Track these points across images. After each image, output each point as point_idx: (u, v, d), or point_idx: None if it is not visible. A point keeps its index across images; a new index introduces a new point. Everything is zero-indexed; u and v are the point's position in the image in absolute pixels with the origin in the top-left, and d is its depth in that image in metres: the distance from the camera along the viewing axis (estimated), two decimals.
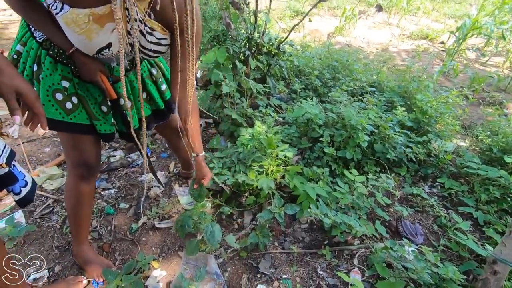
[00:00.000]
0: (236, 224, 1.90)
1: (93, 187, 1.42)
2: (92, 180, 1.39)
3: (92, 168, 1.32)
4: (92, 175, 1.35)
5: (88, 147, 1.27)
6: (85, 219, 1.47)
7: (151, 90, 1.39)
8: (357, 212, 1.88)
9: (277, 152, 1.91)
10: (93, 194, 1.45)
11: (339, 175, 2.24)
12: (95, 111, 1.22)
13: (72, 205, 1.41)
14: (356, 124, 2.18)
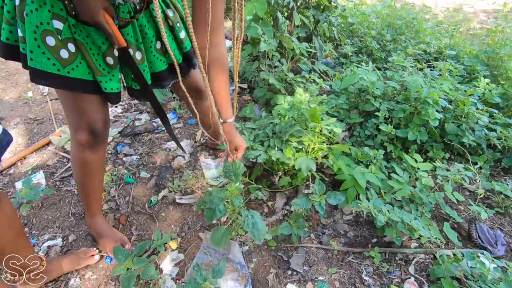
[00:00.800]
0: (266, 208, 1.64)
1: (101, 156, 1.21)
2: (99, 148, 1.16)
3: (97, 135, 1.10)
4: (98, 142, 1.13)
5: (92, 108, 1.04)
6: (95, 190, 1.29)
7: (167, 38, 1.08)
8: (418, 208, 1.50)
9: (321, 126, 1.55)
10: (101, 164, 1.24)
11: (395, 159, 1.83)
12: (98, 64, 0.96)
13: (78, 176, 1.23)
14: (427, 97, 1.71)
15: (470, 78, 2.26)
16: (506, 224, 1.56)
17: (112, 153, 1.91)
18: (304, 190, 1.70)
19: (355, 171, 1.55)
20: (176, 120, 2.22)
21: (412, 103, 1.84)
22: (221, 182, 1.74)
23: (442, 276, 1.23)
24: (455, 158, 1.91)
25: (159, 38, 1.08)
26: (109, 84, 1.00)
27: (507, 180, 1.83)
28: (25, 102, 2.31)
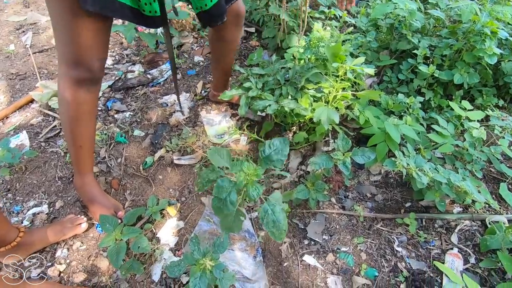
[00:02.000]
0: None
1: (95, 98, 1.04)
2: (94, 89, 1.01)
3: (95, 73, 0.95)
4: (94, 82, 0.99)
5: (98, 43, 0.90)
6: (86, 140, 1.10)
7: None
8: (466, 166, 1.22)
9: (346, 67, 1.23)
10: (95, 106, 1.07)
11: (434, 109, 1.51)
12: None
13: (68, 121, 1.03)
14: (484, 26, 1.33)
15: None
16: None
17: (102, 110, 1.68)
18: (323, 148, 1.44)
19: (387, 123, 1.26)
20: None
21: (460, 38, 1.47)
22: (226, 140, 1.50)
23: (497, 248, 1.00)
24: (509, 107, 1.57)
25: None
26: (150, 7, 0.90)
27: None
28: (6, 56, 2.06)
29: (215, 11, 1.07)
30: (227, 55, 1.43)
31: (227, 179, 0.87)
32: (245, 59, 2.01)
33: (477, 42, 1.36)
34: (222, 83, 1.58)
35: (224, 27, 1.23)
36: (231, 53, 1.44)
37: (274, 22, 1.91)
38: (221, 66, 1.49)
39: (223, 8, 1.09)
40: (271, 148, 0.94)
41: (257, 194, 0.83)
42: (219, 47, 1.39)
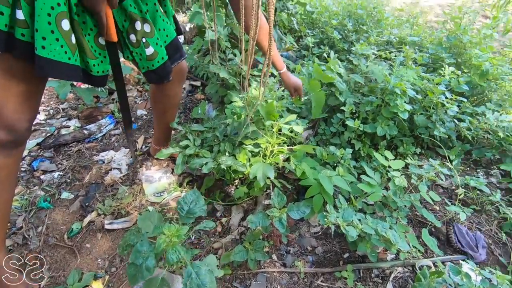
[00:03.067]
0: (220, 226, 1.36)
1: (16, 163, 0.94)
2: (16, 151, 0.91)
3: (18, 135, 0.88)
4: (17, 144, 0.91)
5: (26, 101, 0.85)
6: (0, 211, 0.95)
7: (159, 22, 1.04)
8: (392, 213, 1.31)
9: (280, 124, 1.31)
10: (15, 171, 0.96)
11: (364, 158, 1.64)
12: (91, 46, 0.87)
13: None
14: (394, 87, 1.54)
15: (434, 67, 2.16)
16: (484, 223, 1.43)
17: (25, 171, 1.53)
18: (264, 201, 1.46)
19: (320, 176, 1.32)
20: (114, 125, 1.87)
21: (378, 95, 1.67)
22: (165, 198, 1.44)
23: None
24: (426, 153, 1.77)
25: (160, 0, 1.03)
26: (100, 67, 0.91)
27: (478, 172, 1.72)
28: None
29: (162, 71, 1.09)
30: (169, 110, 1.44)
31: (147, 243, 0.82)
32: (190, 112, 2.04)
33: (391, 100, 1.56)
34: (164, 137, 1.56)
35: (170, 87, 1.28)
36: (174, 108, 1.45)
37: (217, 78, 2.01)
38: (164, 121, 1.49)
39: (169, 68, 1.12)
40: (187, 202, 0.93)
41: (176, 258, 0.78)
42: (162, 102, 1.40)
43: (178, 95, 1.41)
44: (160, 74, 1.09)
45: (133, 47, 0.98)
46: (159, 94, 1.36)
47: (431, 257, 1.26)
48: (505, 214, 1.41)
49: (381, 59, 2.14)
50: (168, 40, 1.09)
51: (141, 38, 0.96)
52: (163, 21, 1.04)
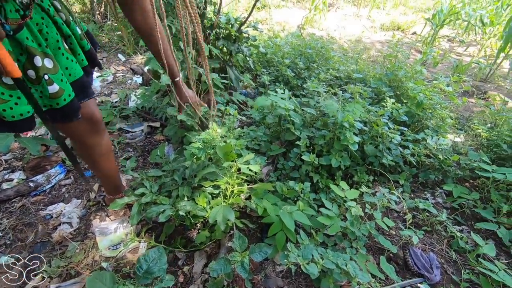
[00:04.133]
0: (182, 275, 1.30)
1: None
2: None
3: None
4: None
5: None
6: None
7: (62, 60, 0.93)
8: (352, 244, 1.35)
9: (237, 165, 1.33)
10: None
11: (323, 189, 1.71)
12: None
13: None
14: (343, 121, 1.66)
15: (378, 99, 2.38)
16: (435, 243, 1.52)
17: None
18: (228, 243, 1.42)
19: (281, 212, 1.35)
20: (64, 174, 1.76)
21: (331, 128, 1.79)
22: (121, 251, 1.35)
23: None
24: (379, 179, 1.89)
25: (64, 35, 0.93)
26: (16, 110, 0.81)
27: (426, 194, 1.86)
28: None
29: (69, 110, 0.96)
30: (99, 160, 1.31)
31: None
32: (148, 155, 1.99)
33: (342, 133, 1.67)
34: (112, 186, 1.48)
35: (84, 135, 1.17)
36: (103, 157, 1.31)
37: (175, 119, 2.01)
38: (101, 173, 1.38)
39: (77, 105, 0.99)
40: (148, 261, 0.89)
41: None
42: (85, 153, 1.27)
43: (100, 146, 1.25)
44: (66, 112, 0.96)
45: (32, 83, 0.85)
46: (80, 147, 1.23)
47: (392, 283, 1.30)
48: (452, 233, 1.53)
49: (331, 94, 2.32)
50: (71, 79, 0.97)
51: (43, 75, 0.84)
52: (67, 59, 0.94)
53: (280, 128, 1.93)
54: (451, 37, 5.65)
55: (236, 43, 2.41)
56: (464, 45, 5.17)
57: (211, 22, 2.23)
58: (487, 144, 2.16)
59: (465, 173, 1.89)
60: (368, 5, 7.72)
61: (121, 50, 3.72)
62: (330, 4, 7.54)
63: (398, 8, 8.12)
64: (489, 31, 4.77)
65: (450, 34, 5.81)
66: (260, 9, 6.53)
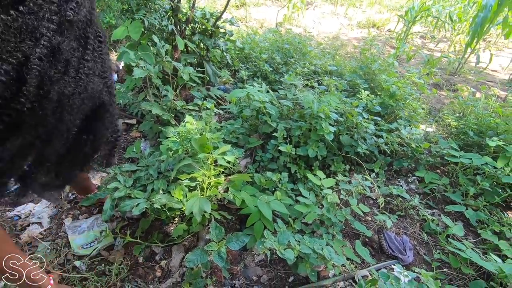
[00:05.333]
0: (159, 270, 1.27)
1: None
2: None
3: None
4: None
5: None
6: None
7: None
8: (329, 230, 1.38)
9: (213, 156, 1.32)
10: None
11: (301, 179, 1.73)
12: None
13: None
14: (318, 112, 1.69)
15: (354, 92, 2.44)
16: (409, 226, 1.58)
17: None
18: (206, 236, 1.41)
19: (259, 202, 1.35)
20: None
21: (307, 119, 1.81)
22: (95, 248, 1.30)
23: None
24: (355, 168, 1.93)
25: None
26: None
27: (400, 181, 1.93)
28: None
29: None
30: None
31: None
32: (124, 152, 1.94)
33: (317, 123, 1.70)
34: (81, 187, 1.42)
35: None
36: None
37: (152, 115, 1.97)
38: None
39: None
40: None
41: None
42: None
43: None
44: None
45: None
46: None
47: (368, 267, 1.34)
48: (424, 216, 1.59)
49: (309, 87, 2.35)
50: None
51: None
52: None
53: (258, 121, 1.93)
54: (423, 33, 5.88)
55: (212, 38, 2.40)
56: (435, 41, 5.40)
57: (186, 16, 2.20)
58: (456, 132, 2.26)
59: (435, 160, 1.97)
60: (345, 4, 7.89)
61: None
62: (308, 2, 7.64)
63: (373, 7, 8.35)
64: (458, 27, 5.01)
65: (422, 31, 6.05)
66: (239, 7, 6.53)
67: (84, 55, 0.50)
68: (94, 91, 0.52)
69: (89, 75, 0.50)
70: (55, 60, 0.44)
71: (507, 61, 4.43)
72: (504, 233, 1.49)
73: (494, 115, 2.21)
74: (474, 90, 3.25)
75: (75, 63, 0.48)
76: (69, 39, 0.46)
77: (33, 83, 0.42)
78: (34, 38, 0.42)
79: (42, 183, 0.58)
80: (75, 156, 0.59)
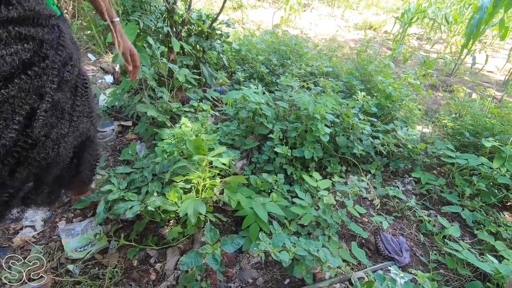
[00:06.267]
0: (154, 273, 1.26)
1: None
2: None
3: None
4: None
5: None
6: None
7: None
8: (325, 232, 1.37)
9: (208, 158, 1.31)
10: None
11: (297, 180, 1.72)
12: None
13: None
14: (314, 113, 1.68)
15: (350, 93, 2.44)
16: (405, 227, 1.58)
17: None
18: (201, 238, 1.40)
19: (254, 204, 1.34)
20: None
21: (303, 121, 1.81)
22: (89, 252, 1.29)
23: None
24: (351, 169, 1.93)
25: None
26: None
27: (396, 182, 1.93)
28: None
29: None
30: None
31: None
32: (119, 154, 1.93)
33: (313, 124, 1.70)
34: (79, 186, 1.42)
35: None
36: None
37: (147, 117, 1.97)
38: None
39: None
40: None
41: None
42: None
43: None
44: None
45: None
46: None
47: (364, 268, 1.33)
48: (421, 217, 1.59)
49: (305, 89, 2.35)
50: None
51: None
52: None
53: (254, 123, 1.93)
54: (420, 35, 5.91)
55: (208, 40, 2.40)
56: (431, 42, 5.43)
57: (182, 18, 2.20)
58: (452, 133, 2.26)
59: (432, 160, 1.97)
60: (342, 6, 7.94)
61: (91, 49, 3.59)
62: (305, 4, 7.67)
63: (370, 9, 8.40)
64: (453, 29, 5.04)
65: (419, 33, 6.08)
66: (236, 9, 6.54)
67: (75, 101, 0.61)
68: (84, 129, 0.65)
69: (79, 117, 0.62)
70: (55, 110, 0.56)
71: (502, 62, 4.46)
72: (501, 233, 1.48)
73: (490, 115, 2.21)
74: (470, 91, 3.26)
75: (69, 109, 0.60)
76: (65, 92, 0.58)
77: (39, 129, 0.53)
78: (40, 95, 0.53)
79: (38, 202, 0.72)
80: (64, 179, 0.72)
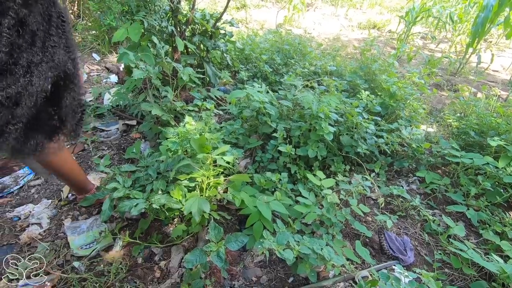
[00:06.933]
0: (158, 270, 1.27)
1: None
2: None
3: None
4: None
5: None
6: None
7: None
8: (329, 231, 1.37)
9: (212, 157, 1.32)
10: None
11: (301, 179, 1.72)
12: None
13: None
14: (318, 112, 1.68)
15: (354, 92, 2.43)
16: (409, 227, 1.57)
17: None
18: (206, 236, 1.41)
19: (258, 202, 1.34)
20: (34, 175, 1.68)
21: (307, 120, 1.81)
22: (94, 249, 1.30)
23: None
24: (355, 169, 1.92)
25: None
26: None
27: (401, 181, 1.92)
28: None
29: None
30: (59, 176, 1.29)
31: None
32: (124, 153, 1.94)
33: (317, 123, 1.70)
34: (78, 188, 1.42)
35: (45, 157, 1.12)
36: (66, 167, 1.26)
37: (152, 116, 1.98)
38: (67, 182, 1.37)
39: None
40: None
41: None
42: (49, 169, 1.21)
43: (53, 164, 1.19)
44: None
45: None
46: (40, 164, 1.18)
47: (368, 267, 1.33)
48: (425, 216, 1.58)
49: (309, 88, 2.35)
50: None
51: None
52: None
53: (258, 122, 1.93)
54: (424, 34, 5.87)
55: (212, 39, 2.40)
56: (435, 41, 5.39)
57: (186, 17, 2.21)
58: (457, 132, 2.25)
59: (436, 160, 1.96)
60: (345, 5, 7.91)
61: (96, 49, 3.61)
62: (308, 4, 7.66)
63: (374, 8, 8.35)
64: (458, 28, 5.00)
65: (423, 32, 6.04)
66: (239, 9, 6.54)
67: (49, 30, 0.56)
68: (60, 62, 0.59)
69: (54, 47, 0.57)
70: (23, 31, 0.51)
71: (508, 61, 4.42)
72: (506, 233, 1.47)
73: (495, 115, 2.20)
74: (475, 90, 3.24)
75: (41, 36, 0.54)
76: (34, 14, 0.52)
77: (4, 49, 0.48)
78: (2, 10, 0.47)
79: (13, 146, 0.62)
80: (43, 123, 0.66)
